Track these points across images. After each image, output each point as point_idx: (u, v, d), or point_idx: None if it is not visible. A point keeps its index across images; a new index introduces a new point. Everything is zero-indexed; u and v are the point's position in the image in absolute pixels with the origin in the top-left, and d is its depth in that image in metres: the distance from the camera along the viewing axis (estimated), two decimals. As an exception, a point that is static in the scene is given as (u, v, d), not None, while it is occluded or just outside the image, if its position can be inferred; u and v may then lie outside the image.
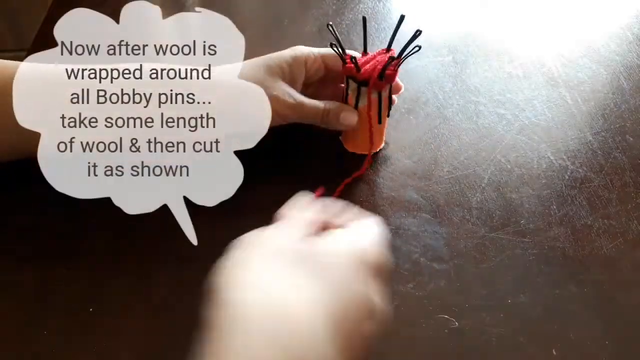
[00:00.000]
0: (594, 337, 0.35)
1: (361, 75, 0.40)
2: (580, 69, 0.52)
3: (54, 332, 0.35)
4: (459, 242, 0.40)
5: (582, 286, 0.37)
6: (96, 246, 0.39)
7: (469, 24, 0.60)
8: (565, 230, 0.40)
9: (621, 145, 0.46)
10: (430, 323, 0.36)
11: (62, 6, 0.52)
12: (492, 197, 0.42)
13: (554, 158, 0.45)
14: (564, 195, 0.43)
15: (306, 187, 0.43)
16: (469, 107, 0.49)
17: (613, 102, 0.50)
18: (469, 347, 0.35)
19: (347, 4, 0.61)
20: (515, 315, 0.36)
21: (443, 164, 0.45)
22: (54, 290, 0.37)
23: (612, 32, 0.57)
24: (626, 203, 0.42)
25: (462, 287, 0.37)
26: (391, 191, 0.43)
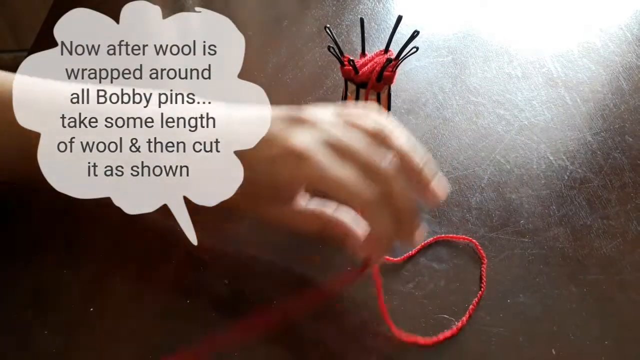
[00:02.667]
0: (594, 337, 0.35)
1: (359, 78, 0.40)
2: (580, 70, 0.53)
3: (54, 332, 0.35)
4: (458, 242, 0.40)
5: (582, 286, 0.37)
6: (96, 246, 0.39)
7: (468, 24, 0.60)
8: (565, 231, 0.40)
9: (620, 145, 0.46)
10: (430, 323, 0.36)
11: (62, 6, 0.52)
12: (492, 197, 0.42)
13: (554, 158, 0.45)
14: (564, 196, 0.43)
15: (306, 187, 0.43)
16: (468, 108, 0.49)
17: (612, 102, 0.50)
18: (469, 347, 0.35)
19: (347, 5, 0.61)
20: (515, 315, 0.36)
21: (442, 164, 0.45)
22: (54, 290, 0.37)
23: (611, 33, 0.57)
24: (625, 203, 0.42)
25: (462, 287, 0.37)
26: (391, 191, 0.43)
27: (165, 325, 0.35)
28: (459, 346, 0.35)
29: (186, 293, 0.37)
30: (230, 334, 0.34)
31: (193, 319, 0.35)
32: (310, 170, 0.32)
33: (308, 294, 0.35)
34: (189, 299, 0.36)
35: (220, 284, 0.37)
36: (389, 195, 0.32)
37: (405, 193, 0.33)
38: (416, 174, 0.34)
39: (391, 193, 0.32)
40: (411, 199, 0.33)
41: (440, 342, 0.34)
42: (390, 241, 0.34)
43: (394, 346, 0.35)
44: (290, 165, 0.33)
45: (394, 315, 0.35)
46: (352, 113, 0.35)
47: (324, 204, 0.37)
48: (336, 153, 0.33)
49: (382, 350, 0.34)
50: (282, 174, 0.33)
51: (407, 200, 0.33)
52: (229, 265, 0.38)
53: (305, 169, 0.32)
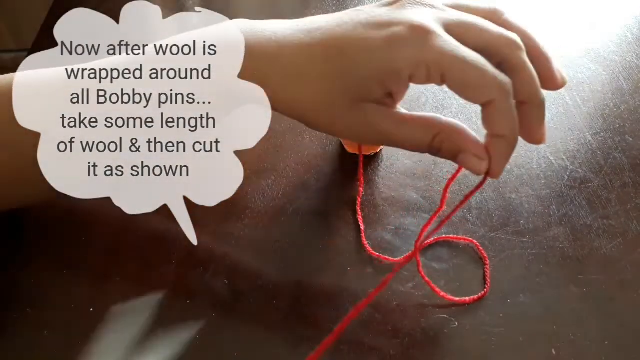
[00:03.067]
0: (594, 337, 0.35)
1: None
2: (580, 70, 0.52)
3: (54, 332, 0.35)
4: (458, 242, 0.40)
5: (582, 286, 0.37)
6: (96, 246, 0.39)
7: (468, 24, 0.60)
8: (565, 230, 0.40)
9: (621, 145, 0.46)
10: (430, 323, 0.36)
11: (62, 6, 0.52)
12: (492, 197, 0.42)
13: (554, 158, 0.45)
14: (564, 196, 0.43)
15: (306, 187, 0.43)
16: (468, 108, 0.49)
17: (612, 102, 0.50)
18: (469, 347, 0.35)
19: (347, 5, 0.61)
20: (515, 315, 0.36)
21: (443, 164, 0.45)
22: (54, 291, 0.37)
23: (611, 33, 0.57)
24: (626, 203, 0.42)
25: (462, 287, 0.37)
26: (391, 191, 0.43)
27: (166, 325, 0.35)
28: (459, 346, 0.35)
29: (186, 293, 0.37)
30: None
31: (193, 319, 0.35)
32: (437, 50, 0.28)
33: (357, 306, 0.32)
34: (188, 299, 0.36)
35: (220, 284, 0.37)
36: (520, 81, 0.29)
37: (535, 77, 0.29)
38: (538, 53, 0.31)
39: (522, 78, 0.29)
40: (539, 84, 0.30)
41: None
42: (517, 141, 0.30)
43: (394, 346, 0.35)
44: (412, 45, 0.29)
45: (394, 315, 0.35)
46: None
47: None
48: (458, 34, 0.29)
49: (382, 350, 0.34)
50: (399, 57, 0.29)
51: (537, 85, 0.29)
52: (229, 265, 0.38)
53: (431, 49, 0.28)
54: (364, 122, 0.31)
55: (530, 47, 0.31)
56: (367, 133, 0.32)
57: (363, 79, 0.30)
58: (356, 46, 0.30)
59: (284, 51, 0.32)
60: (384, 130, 0.32)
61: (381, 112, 0.31)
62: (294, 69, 0.31)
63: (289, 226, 0.40)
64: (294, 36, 0.32)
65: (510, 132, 0.30)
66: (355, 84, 0.30)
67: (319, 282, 0.38)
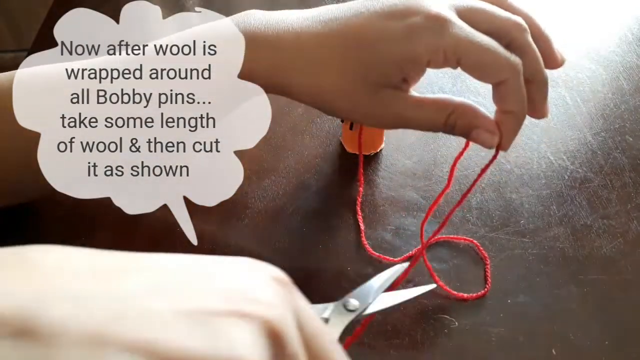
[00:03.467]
0: (594, 337, 0.35)
1: None
2: (580, 70, 0.52)
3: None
4: (459, 242, 0.40)
5: (582, 286, 0.37)
6: (96, 246, 0.39)
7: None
8: (565, 230, 0.40)
9: (621, 145, 0.46)
10: (430, 323, 0.36)
11: (62, 6, 0.52)
12: (492, 197, 0.42)
13: (554, 158, 0.45)
14: (564, 196, 0.43)
15: (306, 187, 0.43)
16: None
17: (613, 102, 0.50)
18: (469, 347, 0.35)
19: (347, 4, 0.61)
20: (515, 315, 0.36)
21: (443, 164, 0.45)
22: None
23: (611, 33, 0.57)
24: (626, 203, 0.42)
25: (463, 287, 0.37)
26: (391, 191, 0.43)
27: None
28: (459, 346, 0.35)
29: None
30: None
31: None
32: (454, 37, 0.30)
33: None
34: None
35: (220, 284, 0.37)
36: (528, 61, 0.31)
37: (540, 57, 0.32)
38: (540, 35, 0.33)
39: (529, 58, 0.31)
40: (542, 63, 0.32)
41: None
42: (525, 116, 0.32)
43: (394, 346, 0.35)
44: (431, 34, 0.30)
45: (394, 314, 0.35)
46: None
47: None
48: (470, 19, 0.31)
49: (382, 350, 0.34)
50: (419, 45, 0.31)
51: (541, 64, 0.32)
52: (229, 265, 0.38)
53: (448, 36, 0.30)
54: (383, 106, 0.33)
55: (533, 30, 0.33)
56: (385, 117, 0.34)
57: (383, 67, 0.32)
58: (376, 36, 0.31)
59: (302, 42, 0.32)
60: (403, 114, 0.33)
61: (399, 96, 0.33)
62: (314, 58, 0.32)
63: (289, 226, 0.40)
64: (312, 27, 0.33)
65: (520, 108, 0.32)
66: (376, 72, 0.32)
67: (319, 282, 0.38)
